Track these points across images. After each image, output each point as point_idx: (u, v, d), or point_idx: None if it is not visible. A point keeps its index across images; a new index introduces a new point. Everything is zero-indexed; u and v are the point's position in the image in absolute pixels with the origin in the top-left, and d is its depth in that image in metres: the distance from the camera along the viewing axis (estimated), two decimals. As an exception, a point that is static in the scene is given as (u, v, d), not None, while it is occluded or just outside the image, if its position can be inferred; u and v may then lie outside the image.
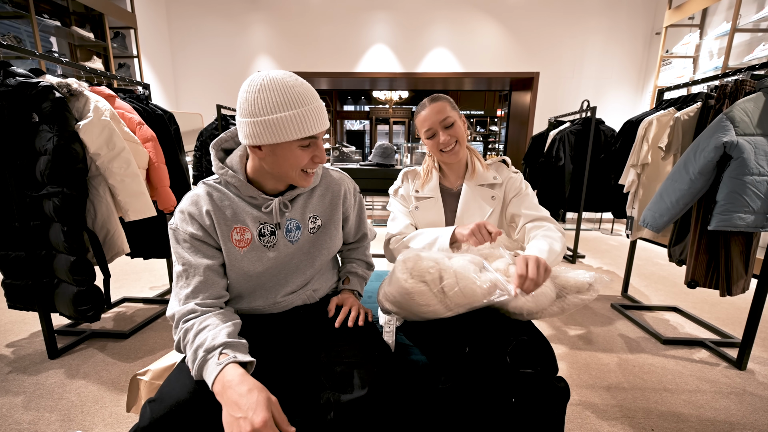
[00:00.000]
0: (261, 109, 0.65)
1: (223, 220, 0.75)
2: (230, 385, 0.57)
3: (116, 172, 1.45)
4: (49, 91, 1.30)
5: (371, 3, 4.41)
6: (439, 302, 0.78)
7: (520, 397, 0.73)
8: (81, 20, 3.44)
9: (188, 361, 0.65)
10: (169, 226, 0.75)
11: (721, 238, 1.45)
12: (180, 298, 0.72)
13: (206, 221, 0.74)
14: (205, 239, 0.74)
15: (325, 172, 0.88)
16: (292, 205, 0.81)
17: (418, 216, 1.09)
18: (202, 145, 2.94)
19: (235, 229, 0.76)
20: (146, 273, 2.58)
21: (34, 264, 1.41)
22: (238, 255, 0.76)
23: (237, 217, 0.76)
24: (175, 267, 0.74)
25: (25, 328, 1.78)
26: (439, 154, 1.02)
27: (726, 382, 1.42)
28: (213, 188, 0.77)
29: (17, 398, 1.27)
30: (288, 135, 0.66)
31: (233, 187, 0.77)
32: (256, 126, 0.66)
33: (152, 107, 1.89)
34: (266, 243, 0.78)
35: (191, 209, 0.74)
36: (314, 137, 0.70)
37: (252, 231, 0.77)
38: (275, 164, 0.72)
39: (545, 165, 3.01)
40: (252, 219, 0.77)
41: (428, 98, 1.01)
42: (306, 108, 0.67)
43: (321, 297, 0.90)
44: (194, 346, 0.64)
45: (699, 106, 1.65)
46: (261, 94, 0.65)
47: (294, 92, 0.66)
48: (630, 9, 4.27)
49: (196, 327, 0.67)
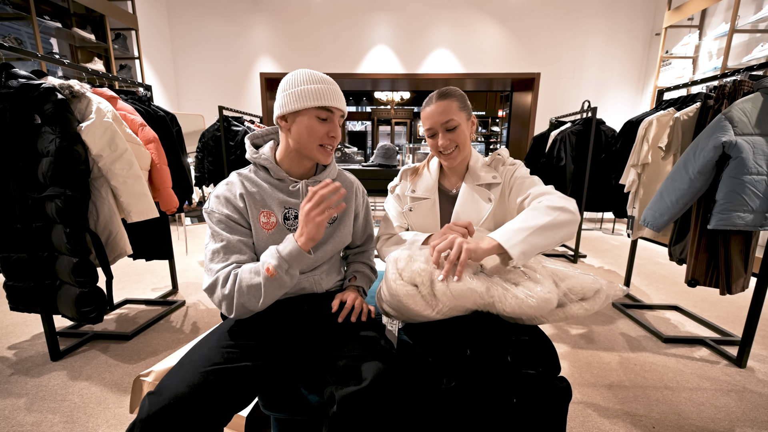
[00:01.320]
0: (290, 84, 0.82)
1: (253, 203, 0.84)
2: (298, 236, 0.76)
3: (118, 174, 1.45)
4: (51, 93, 1.30)
5: (372, 4, 4.42)
6: (428, 306, 0.76)
7: (522, 398, 0.72)
8: (82, 21, 3.45)
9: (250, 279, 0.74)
10: (203, 210, 0.84)
11: (721, 237, 1.45)
12: (219, 267, 0.76)
13: (239, 204, 0.83)
14: (239, 221, 0.83)
15: (340, 171, 0.99)
16: None
17: (411, 217, 1.05)
18: (204, 147, 2.95)
19: (263, 212, 0.84)
20: (148, 274, 2.59)
21: (37, 266, 1.41)
22: (265, 236, 0.84)
23: (264, 202, 0.85)
24: (211, 245, 0.79)
25: (27, 330, 1.78)
26: (438, 155, 1.00)
27: (726, 380, 1.42)
28: (244, 177, 0.87)
29: (20, 400, 1.28)
30: (307, 102, 0.79)
31: (263, 171, 0.88)
32: (285, 97, 0.81)
33: (154, 108, 1.90)
34: (290, 226, 0.87)
35: (227, 194, 0.83)
36: (330, 111, 0.82)
37: (277, 215, 0.86)
38: (298, 136, 0.82)
39: (546, 165, 3.02)
40: (278, 204, 0.86)
41: (437, 92, 0.95)
42: (325, 86, 0.81)
43: (326, 289, 0.92)
44: (255, 267, 0.75)
45: (698, 106, 1.66)
46: (292, 75, 0.83)
47: (316, 75, 0.82)
48: (630, 10, 4.28)
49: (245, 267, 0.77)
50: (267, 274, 0.72)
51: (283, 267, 0.73)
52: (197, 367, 0.67)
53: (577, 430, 1.17)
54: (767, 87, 1.31)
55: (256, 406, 1.00)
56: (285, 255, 0.74)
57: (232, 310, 0.74)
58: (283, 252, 0.74)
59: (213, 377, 0.66)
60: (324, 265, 0.92)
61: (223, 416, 0.66)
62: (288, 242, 0.76)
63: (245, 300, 0.74)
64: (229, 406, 0.67)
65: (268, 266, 0.73)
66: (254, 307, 0.74)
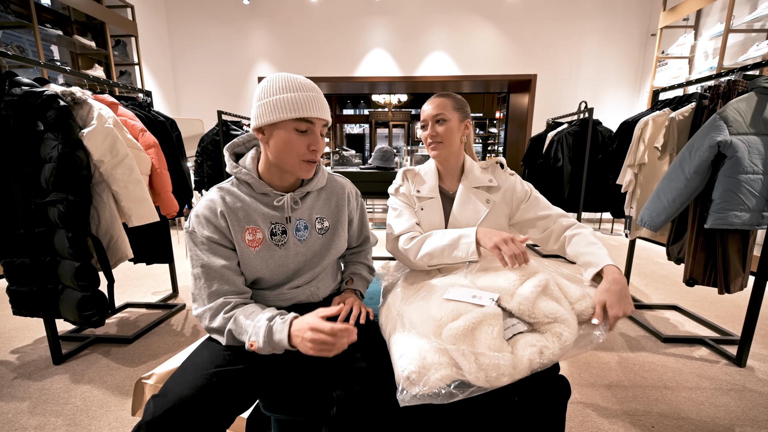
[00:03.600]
0: (264, 93, 0.74)
1: (236, 221, 0.78)
2: (300, 325, 0.69)
3: (119, 179, 1.47)
4: (53, 100, 1.32)
5: (369, 8, 4.45)
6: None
7: (523, 396, 0.73)
8: (82, 29, 3.49)
9: (247, 332, 0.71)
10: (185, 229, 0.79)
11: (718, 236, 1.46)
12: (203, 297, 0.75)
13: (221, 223, 0.77)
14: (221, 241, 0.78)
15: (330, 177, 0.93)
16: (301, 203, 0.85)
17: (422, 216, 1.07)
18: (203, 151, 2.97)
19: (248, 229, 0.79)
20: (149, 278, 2.60)
21: (39, 270, 1.42)
22: (251, 254, 0.79)
23: (249, 218, 0.80)
24: (194, 269, 0.77)
25: (29, 334, 1.79)
26: (427, 147, 1.06)
27: (726, 379, 1.43)
28: (226, 191, 0.81)
29: (23, 403, 1.28)
30: (282, 114, 0.72)
31: (246, 185, 0.81)
32: (259, 108, 0.74)
33: (154, 114, 1.92)
34: (277, 242, 0.82)
35: (206, 213, 0.78)
36: (309, 122, 0.75)
37: (264, 231, 0.80)
38: (276, 150, 0.76)
39: (544, 166, 3.03)
40: (263, 219, 0.80)
41: (437, 93, 1.02)
42: (301, 93, 0.74)
43: (324, 297, 0.92)
44: (254, 320, 0.72)
45: (693, 106, 1.67)
46: (267, 82, 0.75)
47: (294, 81, 0.74)
48: (625, 11, 4.31)
49: (244, 309, 0.75)
50: (249, 346, 0.70)
51: (266, 350, 0.70)
52: (200, 370, 0.68)
53: (576, 429, 1.17)
54: (761, 87, 1.33)
55: (256, 408, 1.00)
56: (273, 343, 0.69)
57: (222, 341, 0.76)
58: (273, 340, 0.69)
59: (216, 380, 0.67)
60: (320, 275, 0.90)
61: (226, 418, 0.67)
62: (281, 334, 0.69)
63: (231, 343, 0.75)
64: (231, 408, 0.68)
65: (252, 342, 0.70)
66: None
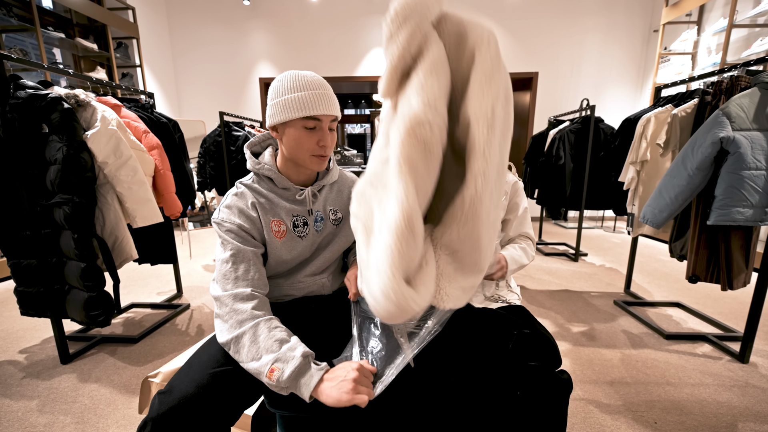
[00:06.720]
0: (275, 93, 0.78)
1: (264, 212, 0.84)
2: (330, 378, 0.65)
3: (123, 180, 1.48)
4: (57, 103, 1.33)
5: (369, 8, 4.45)
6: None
7: (524, 390, 0.74)
8: (84, 32, 3.51)
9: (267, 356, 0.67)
10: (213, 220, 0.83)
11: (721, 232, 1.46)
12: (229, 279, 0.76)
13: (252, 213, 0.82)
14: (251, 231, 0.82)
15: (341, 172, 0.99)
16: (318, 196, 0.90)
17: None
18: (206, 152, 2.98)
19: (273, 221, 0.85)
20: (153, 279, 2.62)
21: (46, 271, 1.44)
22: (277, 244, 0.85)
23: (274, 211, 0.85)
24: (221, 254, 0.78)
25: (37, 334, 1.81)
26: None
27: (729, 376, 1.43)
28: (249, 187, 0.85)
29: (32, 402, 1.30)
30: (291, 113, 0.76)
31: (267, 180, 0.86)
32: (272, 107, 0.79)
33: (157, 115, 1.93)
34: (300, 233, 0.87)
35: (239, 203, 0.82)
36: (317, 119, 0.77)
37: (287, 223, 0.86)
38: (289, 146, 0.81)
39: (546, 164, 3.03)
40: (286, 212, 0.86)
41: None
42: (310, 92, 0.76)
43: (333, 290, 0.95)
44: (282, 348, 0.67)
45: (696, 102, 1.67)
46: (279, 82, 0.79)
47: (303, 80, 0.77)
48: (627, 7, 4.29)
49: (269, 326, 0.71)
50: (268, 378, 0.65)
51: (284, 389, 0.65)
52: (205, 368, 0.69)
53: (579, 426, 1.18)
54: (764, 82, 1.32)
55: (262, 404, 1.02)
56: (296, 387, 0.65)
57: (222, 338, 0.71)
58: (299, 386, 0.65)
59: (221, 377, 0.68)
60: (330, 267, 0.94)
61: (231, 415, 0.68)
62: (306, 387, 0.64)
63: (233, 351, 0.70)
64: (236, 405, 0.69)
65: (274, 369, 0.65)
66: (236, 357, 0.69)
